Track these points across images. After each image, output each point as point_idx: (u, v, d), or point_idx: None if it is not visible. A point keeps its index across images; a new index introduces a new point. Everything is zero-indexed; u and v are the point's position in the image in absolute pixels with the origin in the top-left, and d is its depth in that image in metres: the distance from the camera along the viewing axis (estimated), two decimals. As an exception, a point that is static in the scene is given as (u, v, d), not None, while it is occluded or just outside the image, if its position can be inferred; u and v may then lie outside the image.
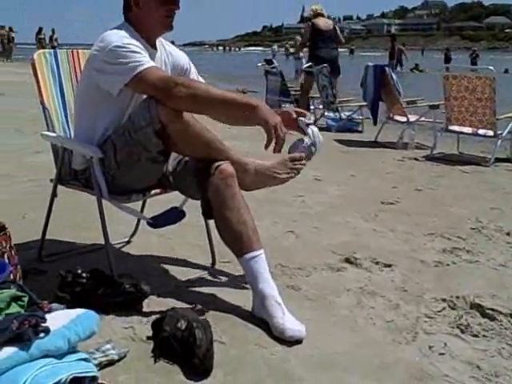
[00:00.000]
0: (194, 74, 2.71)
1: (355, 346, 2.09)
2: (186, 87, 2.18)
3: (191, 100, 2.18)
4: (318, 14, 8.88)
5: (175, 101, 2.18)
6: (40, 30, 28.46)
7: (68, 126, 2.70)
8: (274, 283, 2.23)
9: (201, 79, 2.70)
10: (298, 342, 2.07)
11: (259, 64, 13.07)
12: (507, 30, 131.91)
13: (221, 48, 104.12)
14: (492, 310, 2.41)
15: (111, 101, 2.35)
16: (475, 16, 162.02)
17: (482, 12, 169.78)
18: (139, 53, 2.28)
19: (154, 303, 2.29)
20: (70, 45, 49.37)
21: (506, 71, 18.50)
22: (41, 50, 2.75)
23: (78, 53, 2.84)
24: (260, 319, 2.18)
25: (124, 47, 2.26)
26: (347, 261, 2.93)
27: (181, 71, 2.64)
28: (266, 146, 2.20)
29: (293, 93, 9.73)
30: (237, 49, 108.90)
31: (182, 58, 2.68)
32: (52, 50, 2.79)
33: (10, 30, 29.07)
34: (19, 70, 18.07)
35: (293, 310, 2.19)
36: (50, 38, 28.71)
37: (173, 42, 2.81)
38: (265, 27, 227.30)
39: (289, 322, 2.12)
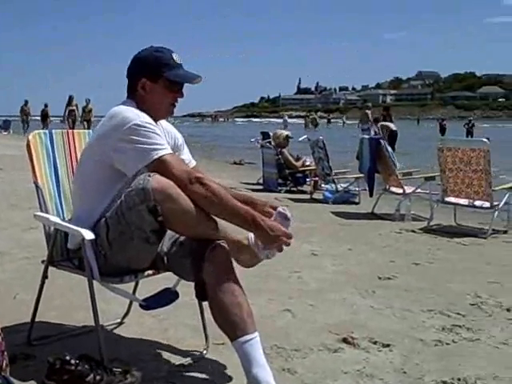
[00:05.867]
0: (186, 153, 2.72)
1: None
2: (206, 188, 2.21)
3: (206, 201, 2.21)
4: None
5: (191, 194, 2.20)
6: (70, 99, 23.05)
7: (61, 206, 2.69)
8: (268, 368, 2.16)
9: (192, 160, 2.71)
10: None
11: (252, 139, 13.19)
12: (500, 100, 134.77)
13: (209, 119, 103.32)
14: (496, 393, 2.33)
15: (117, 180, 2.34)
16: (469, 86, 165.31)
17: (476, 82, 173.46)
18: (159, 135, 2.30)
19: (146, 390, 2.22)
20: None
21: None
22: (36, 131, 2.76)
23: (73, 133, 2.87)
24: (254, 407, 2.11)
25: (144, 127, 2.27)
26: (345, 341, 2.85)
27: (175, 150, 2.64)
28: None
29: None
30: (221, 119, 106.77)
31: (177, 136, 2.70)
32: (47, 131, 2.80)
33: (45, 106, 26.14)
34: (16, 143, 18.27)
35: (288, 396, 2.12)
36: (83, 110, 22.89)
37: None
38: (262, 98, 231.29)
39: (284, 410, 2.05)
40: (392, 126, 11.45)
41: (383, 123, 11.20)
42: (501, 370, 2.57)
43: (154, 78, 2.44)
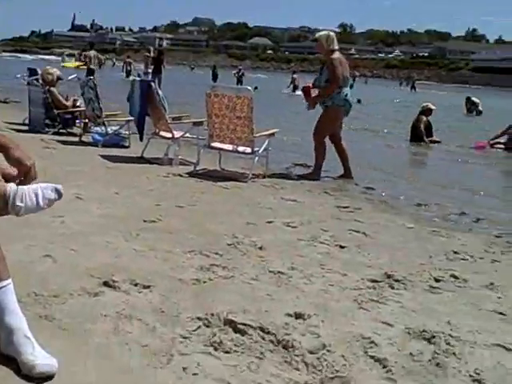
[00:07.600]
0: None
1: (111, 376, 2.07)
2: None
3: None
4: None
5: None
6: None
7: None
8: (22, 315, 2.11)
9: None
10: (50, 377, 1.99)
11: (18, 75, 12.32)
12: (269, 51, 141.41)
13: None
14: (243, 324, 2.54)
15: None
16: (241, 36, 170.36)
17: (247, 33, 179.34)
18: None
19: None
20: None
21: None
22: None
23: None
24: (7, 356, 2.05)
25: None
26: (105, 284, 2.88)
27: None
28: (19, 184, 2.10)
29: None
30: None
31: None
32: None
33: None
34: None
35: (44, 343, 2.10)
36: None
37: None
38: (33, 32, 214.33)
39: (39, 357, 2.02)
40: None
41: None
42: (250, 303, 2.81)
43: None
